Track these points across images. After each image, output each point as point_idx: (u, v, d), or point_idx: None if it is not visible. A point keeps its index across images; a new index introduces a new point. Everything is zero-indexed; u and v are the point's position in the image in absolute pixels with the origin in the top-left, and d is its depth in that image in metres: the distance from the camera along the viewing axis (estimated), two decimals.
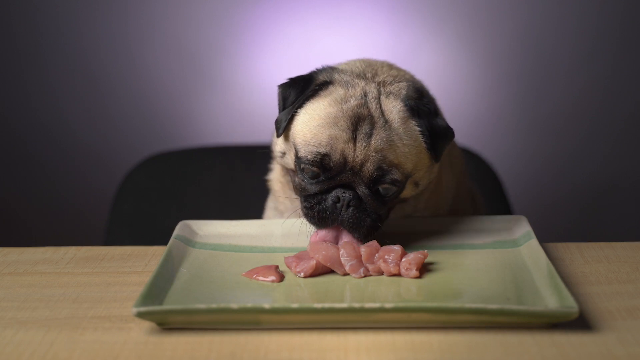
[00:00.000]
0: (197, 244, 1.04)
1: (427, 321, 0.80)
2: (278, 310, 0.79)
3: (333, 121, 0.95)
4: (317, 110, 0.97)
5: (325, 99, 0.97)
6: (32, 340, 0.80)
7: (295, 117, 0.98)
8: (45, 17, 2.42)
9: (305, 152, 0.95)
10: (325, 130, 0.94)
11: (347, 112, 0.95)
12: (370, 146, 0.94)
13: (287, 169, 1.04)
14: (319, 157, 0.94)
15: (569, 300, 0.80)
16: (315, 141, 0.95)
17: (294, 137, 0.98)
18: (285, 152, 1.01)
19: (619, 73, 2.41)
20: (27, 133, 2.53)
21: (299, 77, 1.02)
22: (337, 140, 0.94)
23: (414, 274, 0.91)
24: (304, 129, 0.96)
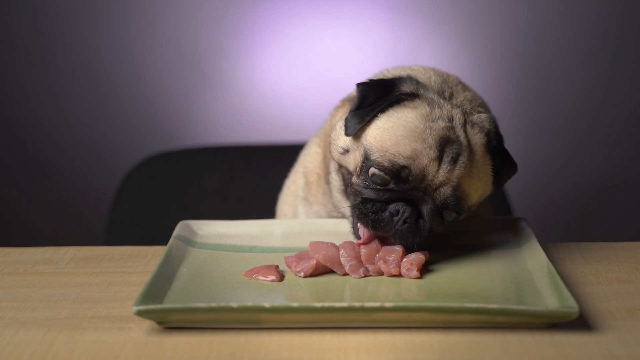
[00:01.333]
0: (197, 244, 1.04)
1: (427, 321, 0.80)
2: (278, 309, 0.79)
3: (420, 136, 0.93)
4: (401, 120, 0.95)
5: (412, 110, 0.96)
6: (32, 340, 0.80)
7: (373, 120, 0.97)
8: (45, 17, 2.42)
9: (381, 158, 0.94)
10: (410, 143, 0.93)
11: (436, 131, 0.94)
12: (454, 171, 0.94)
13: (338, 165, 1.02)
14: (397, 167, 0.93)
15: (569, 300, 0.81)
16: (395, 150, 0.93)
17: (369, 139, 0.96)
18: (349, 150, 0.99)
19: (619, 73, 2.41)
20: (27, 133, 2.53)
21: (381, 80, 1.01)
22: (421, 156, 0.92)
23: (415, 274, 0.91)
24: (384, 135, 0.95)
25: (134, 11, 2.42)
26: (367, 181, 0.95)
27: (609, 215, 2.51)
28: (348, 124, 0.98)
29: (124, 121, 2.51)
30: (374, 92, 0.99)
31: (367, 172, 0.95)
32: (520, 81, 2.43)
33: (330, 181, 1.07)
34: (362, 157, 0.96)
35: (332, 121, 1.09)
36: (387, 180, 0.94)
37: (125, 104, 2.49)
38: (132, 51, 2.45)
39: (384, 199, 0.94)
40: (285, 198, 1.25)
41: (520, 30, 2.40)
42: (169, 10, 2.42)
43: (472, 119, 0.98)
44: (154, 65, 2.46)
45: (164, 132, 2.49)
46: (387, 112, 0.97)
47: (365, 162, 0.96)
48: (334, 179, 1.05)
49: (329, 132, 1.08)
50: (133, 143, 2.48)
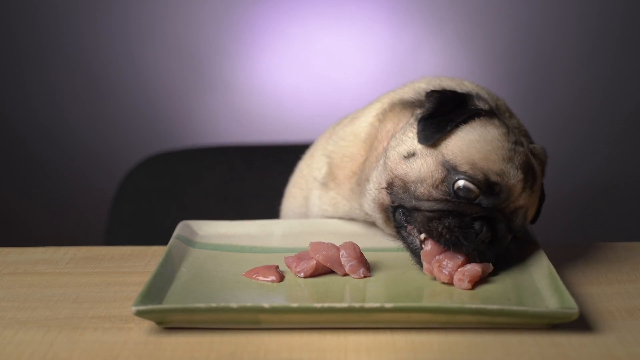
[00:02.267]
0: (198, 244, 1.04)
1: (427, 321, 0.80)
2: (277, 310, 0.79)
3: (508, 155, 0.92)
4: (487, 136, 0.93)
5: (494, 128, 0.94)
6: (32, 340, 0.80)
7: (454, 131, 0.94)
8: (45, 17, 2.42)
9: (472, 171, 0.90)
10: (500, 160, 0.91)
11: (520, 154, 0.93)
12: (531, 197, 0.94)
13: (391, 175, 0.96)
14: (488, 182, 0.90)
15: (570, 301, 0.80)
16: (485, 165, 0.90)
17: (452, 149, 0.92)
18: (417, 155, 0.94)
19: (619, 73, 2.41)
20: (27, 133, 2.53)
21: (455, 92, 0.98)
22: (509, 176, 0.91)
23: (466, 286, 0.88)
24: (471, 149, 0.92)
25: (134, 11, 2.42)
26: (450, 194, 0.91)
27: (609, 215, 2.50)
28: (423, 131, 0.94)
29: (124, 121, 2.51)
30: (449, 102, 0.96)
31: (451, 184, 0.91)
32: (520, 81, 2.43)
33: (366, 190, 1.02)
34: (441, 166, 0.92)
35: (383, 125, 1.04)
36: (475, 194, 0.91)
37: (125, 104, 2.49)
38: (132, 51, 2.45)
39: (471, 214, 0.90)
40: (297, 181, 1.21)
41: (520, 30, 2.40)
42: (169, 10, 2.42)
43: (531, 148, 0.98)
44: (154, 65, 2.46)
45: (164, 132, 2.49)
46: (469, 124, 0.94)
47: (451, 173, 0.91)
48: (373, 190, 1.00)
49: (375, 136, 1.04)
50: (133, 143, 2.48)
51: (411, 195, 0.93)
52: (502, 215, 0.92)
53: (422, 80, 1.09)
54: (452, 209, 0.90)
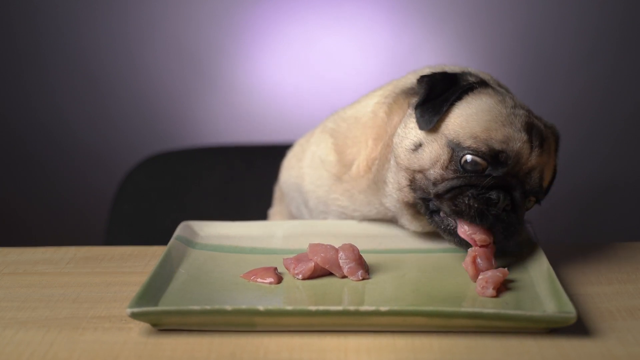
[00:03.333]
0: (198, 245, 1.03)
1: (423, 325, 0.80)
2: (272, 313, 0.79)
3: (508, 120, 0.93)
4: (484, 106, 0.94)
5: (489, 97, 0.95)
6: (32, 340, 0.80)
7: (451, 110, 0.95)
8: (45, 17, 2.42)
9: (476, 144, 0.91)
10: (500, 127, 0.92)
11: (520, 116, 0.94)
12: (542, 156, 0.94)
13: (406, 170, 0.97)
14: (493, 152, 0.91)
15: (568, 305, 0.80)
16: (488, 136, 0.92)
17: (452, 128, 0.93)
18: (423, 144, 0.95)
19: (619, 73, 2.41)
20: (27, 133, 2.53)
21: (444, 73, 0.99)
22: (513, 141, 0.92)
23: (491, 292, 0.87)
24: (470, 122, 0.93)
25: (134, 11, 2.42)
26: (459, 171, 0.92)
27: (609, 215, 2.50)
28: (422, 117, 0.95)
29: (124, 121, 2.51)
30: (440, 83, 0.97)
31: (458, 161, 0.92)
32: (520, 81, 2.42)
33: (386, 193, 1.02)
34: (446, 147, 0.94)
35: (390, 119, 1.04)
36: (483, 166, 0.92)
37: (125, 104, 2.49)
38: (132, 51, 2.45)
39: (484, 185, 0.91)
40: (296, 151, 1.20)
41: (520, 30, 2.40)
42: (169, 10, 2.43)
43: (535, 116, 0.99)
44: (154, 65, 2.46)
45: (164, 132, 2.50)
46: (464, 99, 0.95)
47: (456, 151, 0.93)
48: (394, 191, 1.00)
49: (383, 129, 1.04)
50: (133, 143, 2.48)
51: (429, 182, 0.95)
52: (516, 181, 0.93)
53: (425, 69, 1.09)
54: (465, 183, 0.92)
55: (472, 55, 2.42)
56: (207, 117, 2.50)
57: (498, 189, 0.92)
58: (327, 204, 1.11)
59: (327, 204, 1.11)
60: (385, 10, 2.41)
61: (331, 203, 1.11)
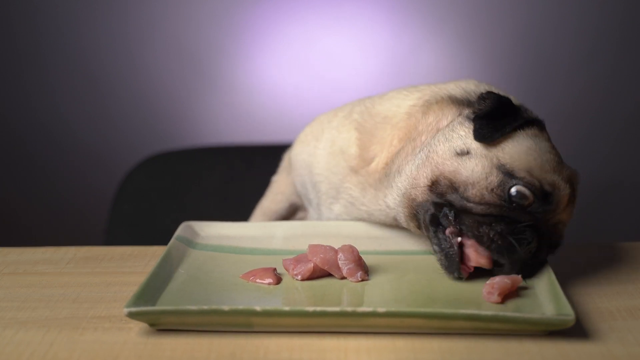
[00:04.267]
0: (198, 245, 1.03)
1: (421, 327, 0.79)
2: (270, 313, 0.78)
3: (558, 169, 0.92)
4: (541, 146, 0.93)
5: (546, 141, 0.95)
6: (32, 340, 0.80)
7: (510, 137, 0.93)
8: (45, 17, 2.42)
9: (530, 178, 0.90)
10: (552, 172, 0.91)
11: (567, 170, 0.93)
12: (570, 214, 0.93)
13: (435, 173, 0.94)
14: (544, 191, 0.90)
15: (566, 307, 0.79)
16: (541, 175, 0.90)
17: (510, 154, 0.91)
18: (472, 154, 0.92)
19: (619, 73, 2.41)
20: (27, 133, 2.53)
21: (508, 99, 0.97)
22: (560, 188, 0.91)
23: (495, 299, 0.85)
24: (529, 156, 0.91)
25: (134, 11, 2.42)
26: (504, 199, 0.89)
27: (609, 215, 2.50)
28: (481, 129, 0.92)
29: (124, 121, 2.51)
30: (503, 107, 0.95)
31: (507, 189, 0.89)
32: (520, 81, 2.43)
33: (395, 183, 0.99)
34: (496, 169, 0.90)
35: (425, 117, 1.02)
36: (530, 201, 0.89)
37: (125, 104, 2.50)
38: (132, 51, 2.45)
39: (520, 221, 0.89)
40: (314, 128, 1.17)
41: (520, 30, 2.40)
42: (169, 10, 2.43)
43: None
44: (154, 65, 2.46)
45: (164, 132, 2.50)
46: (523, 132, 0.94)
47: (507, 177, 0.90)
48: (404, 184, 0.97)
49: (414, 126, 1.02)
50: (133, 143, 2.48)
51: (460, 195, 0.91)
52: (545, 227, 0.91)
53: (470, 82, 1.07)
54: (505, 214, 0.89)
55: (472, 55, 2.42)
56: (207, 117, 2.50)
57: (532, 229, 0.89)
58: (338, 191, 1.10)
59: (339, 191, 1.10)
60: (385, 10, 2.41)
61: (343, 191, 1.09)
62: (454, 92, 1.04)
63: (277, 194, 1.28)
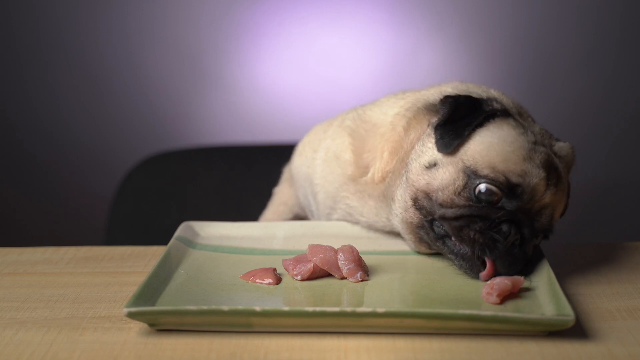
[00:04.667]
0: (198, 245, 1.03)
1: (421, 327, 0.79)
2: (269, 313, 0.78)
3: (528, 155, 0.91)
4: (506, 137, 0.92)
5: (512, 128, 0.94)
6: (31, 341, 0.80)
7: (472, 135, 0.93)
8: (45, 17, 2.42)
9: (493, 174, 0.90)
10: (520, 161, 0.91)
11: (541, 153, 0.92)
12: (556, 195, 0.93)
13: (413, 190, 0.95)
14: (510, 184, 0.90)
15: (566, 308, 0.79)
16: (506, 167, 0.90)
17: (472, 154, 0.92)
18: (438, 164, 0.94)
19: (619, 73, 2.41)
20: (26, 133, 2.53)
21: (468, 96, 0.97)
22: (531, 176, 0.90)
23: (494, 300, 0.85)
24: (490, 152, 0.91)
25: (134, 11, 2.42)
26: (472, 199, 0.90)
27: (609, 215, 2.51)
28: (442, 139, 0.93)
29: (124, 121, 2.51)
30: (463, 107, 0.95)
31: (473, 189, 0.90)
32: (520, 81, 2.43)
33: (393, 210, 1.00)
34: (462, 172, 0.92)
35: (407, 134, 1.02)
36: (498, 197, 0.90)
37: (125, 104, 2.49)
38: (132, 51, 2.45)
39: (496, 218, 0.89)
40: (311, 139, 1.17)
41: (520, 30, 2.40)
42: (169, 11, 2.43)
43: (554, 149, 0.97)
44: (154, 65, 2.46)
45: (164, 132, 2.50)
46: (486, 126, 0.94)
47: (472, 178, 0.91)
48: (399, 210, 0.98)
49: (399, 143, 1.02)
50: (133, 143, 2.48)
51: (434, 203, 0.93)
52: (527, 218, 0.91)
53: (449, 85, 1.07)
54: (477, 213, 0.90)
55: (472, 55, 2.42)
56: (207, 117, 2.50)
57: (509, 222, 0.90)
58: (335, 201, 1.10)
59: (336, 200, 1.10)
60: (385, 10, 2.41)
61: (340, 200, 1.09)
62: (432, 98, 1.04)
63: (280, 205, 1.28)
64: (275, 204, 1.29)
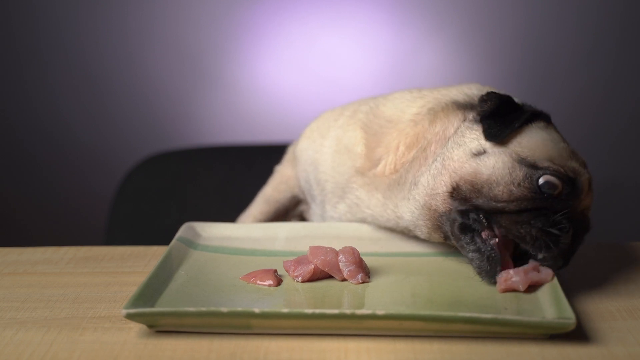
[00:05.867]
0: (199, 246, 1.03)
1: (421, 329, 0.79)
2: (268, 315, 0.78)
3: (574, 156, 0.93)
4: (553, 136, 0.93)
5: (555, 131, 0.95)
6: (31, 341, 0.80)
7: (521, 131, 0.93)
8: (45, 17, 2.42)
9: (554, 166, 0.89)
10: (570, 159, 0.91)
11: (580, 157, 0.95)
12: (591, 199, 0.95)
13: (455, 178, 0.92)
14: (570, 178, 0.90)
15: (567, 311, 0.79)
16: (562, 162, 0.90)
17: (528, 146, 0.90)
18: (488, 152, 0.91)
19: (619, 73, 2.41)
20: (27, 133, 2.53)
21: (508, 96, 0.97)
22: (581, 174, 0.91)
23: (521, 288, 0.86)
24: (546, 146, 0.91)
25: (133, 11, 2.42)
26: (535, 191, 0.87)
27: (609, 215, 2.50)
28: (490, 128, 0.92)
29: (124, 121, 2.51)
30: (505, 105, 0.95)
31: (535, 180, 0.88)
32: (520, 81, 2.43)
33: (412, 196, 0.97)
34: (518, 163, 0.89)
35: (432, 126, 1.01)
36: (559, 190, 0.88)
37: (125, 104, 2.49)
38: (132, 51, 2.45)
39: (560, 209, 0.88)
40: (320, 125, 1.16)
41: (520, 30, 2.40)
42: (169, 11, 2.43)
43: None
44: (154, 65, 2.46)
45: (164, 132, 2.50)
46: (532, 125, 0.94)
47: (533, 170, 0.88)
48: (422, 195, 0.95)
49: (421, 135, 1.01)
50: (133, 143, 2.48)
51: (486, 196, 0.89)
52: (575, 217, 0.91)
53: (472, 86, 1.07)
54: (540, 206, 0.88)
55: (472, 55, 2.42)
56: (207, 117, 2.50)
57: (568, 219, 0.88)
58: (344, 192, 1.09)
59: (345, 191, 1.09)
60: (385, 10, 2.41)
61: (349, 191, 1.08)
62: (457, 97, 1.04)
63: (281, 184, 1.27)
64: (277, 181, 1.28)
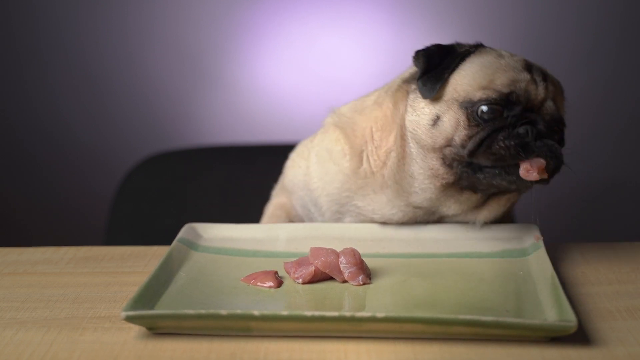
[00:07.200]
0: (200, 247, 1.02)
1: (421, 332, 0.79)
2: (268, 318, 0.78)
3: (509, 66, 0.98)
4: (484, 62, 0.99)
5: (488, 54, 1.01)
6: (31, 341, 0.80)
7: (455, 74, 0.99)
8: (45, 17, 2.42)
9: (486, 94, 0.96)
10: (504, 73, 0.97)
11: (519, 61, 1.00)
12: (548, 88, 0.99)
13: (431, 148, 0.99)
14: (503, 95, 0.96)
15: (569, 313, 0.78)
16: (493, 84, 0.96)
17: (462, 88, 0.98)
18: (440, 115, 0.99)
19: (619, 73, 2.40)
20: (26, 133, 2.53)
21: (437, 44, 1.04)
22: (518, 82, 0.97)
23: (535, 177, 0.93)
24: (476, 79, 0.98)
25: (133, 11, 2.42)
26: (480, 124, 0.96)
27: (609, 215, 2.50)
28: (424, 86, 0.99)
29: (124, 121, 2.51)
30: (436, 55, 1.01)
31: (476, 115, 0.96)
32: None
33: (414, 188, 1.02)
34: (460, 109, 0.97)
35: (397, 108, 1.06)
36: (499, 111, 0.96)
37: (125, 104, 2.49)
38: (132, 51, 2.45)
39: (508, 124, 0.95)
40: (301, 150, 1.19)
41: (520, 30, 2.40)
42: (169, 10, 2.42)
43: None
44: (154, 65, 2.46)
45: (164, 132, 2.50)
46: (465, 62, 1.00)
47: (471, 108, 0.96)
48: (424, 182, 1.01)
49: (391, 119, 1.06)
50: (133, 143, 2.48)
51: (457, 148, 0.97)
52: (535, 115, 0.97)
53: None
54: (491, 130, 0.95)
55: None
56: (207, 117, 2.50)
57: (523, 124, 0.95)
58: (341, 203, 1.09)
59: (341, 202, 1.09)
60: (385, 10, 2.40)
61: (345, 202, 1.09)
62: (404, 75, 1.10)
63: (277, 209, 1.26)
64: (273, 208, 1.27)
